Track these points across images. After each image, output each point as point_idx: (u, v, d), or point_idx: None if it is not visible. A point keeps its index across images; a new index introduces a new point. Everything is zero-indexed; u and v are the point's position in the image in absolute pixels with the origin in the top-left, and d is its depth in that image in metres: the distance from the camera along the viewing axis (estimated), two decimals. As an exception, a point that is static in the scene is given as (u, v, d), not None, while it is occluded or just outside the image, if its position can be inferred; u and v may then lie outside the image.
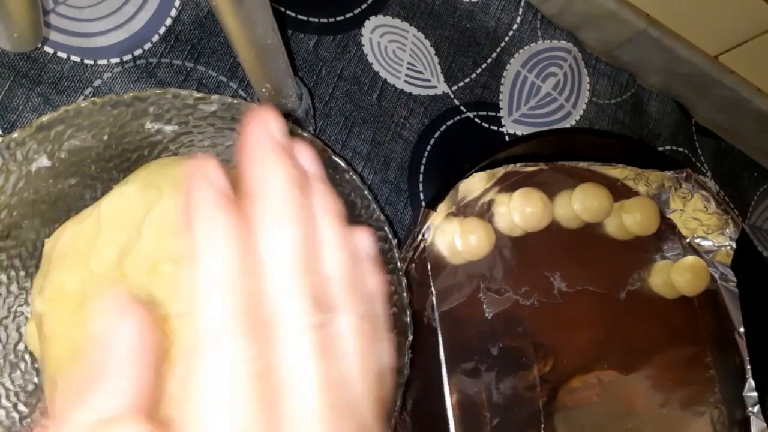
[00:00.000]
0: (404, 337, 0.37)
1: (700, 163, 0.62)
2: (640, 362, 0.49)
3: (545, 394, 0.45)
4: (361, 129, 0.49)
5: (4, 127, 0.39)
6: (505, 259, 0.47)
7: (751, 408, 0.49)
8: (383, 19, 0.51)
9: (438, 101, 0.52)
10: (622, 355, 0.48)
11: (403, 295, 0.37)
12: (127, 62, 0.43)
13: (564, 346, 0.47)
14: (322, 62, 0.49)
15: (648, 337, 0.50)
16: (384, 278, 0.23)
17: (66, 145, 0.33)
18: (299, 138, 0.22)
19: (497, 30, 0.56)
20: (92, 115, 0.32)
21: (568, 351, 0.47)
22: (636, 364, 0.48)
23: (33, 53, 0.41)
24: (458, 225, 0.45)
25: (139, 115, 0.34)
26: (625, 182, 0.52)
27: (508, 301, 0.46)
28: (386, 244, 0.37)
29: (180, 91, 0.34)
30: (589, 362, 0.47)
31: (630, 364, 0.47)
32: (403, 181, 0.49)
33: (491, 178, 0.46)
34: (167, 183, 0.34)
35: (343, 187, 0.37)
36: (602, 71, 0.60)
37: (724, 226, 0.51)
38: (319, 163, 0.23)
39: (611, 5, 0.53)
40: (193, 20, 0.45)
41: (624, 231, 0.50)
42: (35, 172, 0.33)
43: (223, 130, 0.36)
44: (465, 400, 0.43)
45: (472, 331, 0.45)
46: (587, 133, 0.55)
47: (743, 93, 0.58)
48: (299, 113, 0.41)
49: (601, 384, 0.47)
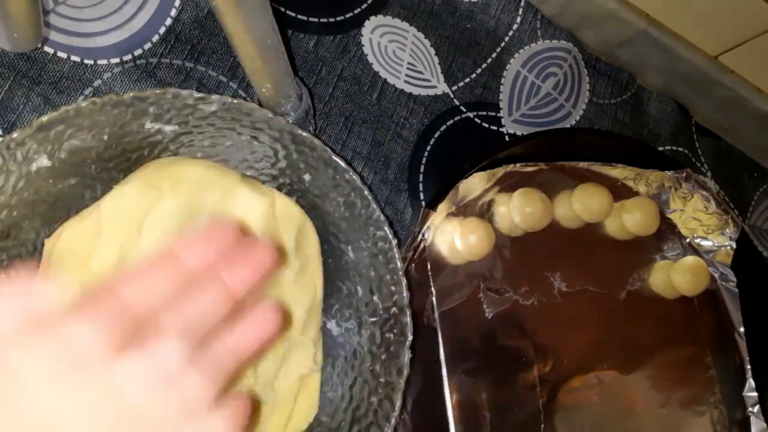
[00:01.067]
0: (404, 337, 0.37)
1: (700, 163, 0.62)
2: (640, 362, 0.49)
3: (545, 394, 0.45)
4: (361, 129, 0.49)
5: (4, 127, 0.39)
6: (505, 259, 0.47)
7: (751, 408, 0.49)
8: (383, 19, 0.51)
9: (438, 101, 0.52)
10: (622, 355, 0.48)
11: (403, 295, 0.37)
12: (127, 62, 0.43)
13: (564, 346, 0.47)
14: (322, 62, 0.49)
15: (648, 337, 0.50)
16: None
17: (66, 145, 0.33)
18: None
19: (497, 30, 0.56)
20: (92, 115, 0.32)
21: (568, 351, 0.47)
22: (636, 364, 0.48)
23: (33, 53, 0.41)
24: (458, 225, 0.45)
25: (139, 115, 0.34)
26: (625, 182, 0.52)
27: (508, 301, 0.46)
28: (386, 244, 0.37)
29: (180, 91, 0.34)
30: (589, 362, 0.47)
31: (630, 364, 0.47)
32: (403, 181, 0.49)
33: (491, 178, 0.46)
34: (167, 183, 0.34)
35: (343, 188, 0.37)
36: (602, 71, 0.60)
37: (724, 226, 0.51)
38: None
39: (611, 5, 0.53)
40: (193, 20, 0.45)
41: (624, 231, 0.50)
42: (35, 172, 0.33)
43: (223, 130, 0.36)
44: (465, 400, 0.43)
45: (472, 331, 0.45)
46: (587, 133, 0.55)
47: (743, 93, 0.58)
48: (299, 113, 0.41)
49: (601, 384, 0.47)
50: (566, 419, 0.45)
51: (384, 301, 0.38)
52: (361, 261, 0.39)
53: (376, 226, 0.37)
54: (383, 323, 0.38)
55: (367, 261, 0.38)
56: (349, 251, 0.39)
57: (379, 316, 0.38)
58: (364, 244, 0.38)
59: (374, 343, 0.38)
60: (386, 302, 0.38)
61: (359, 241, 0.38)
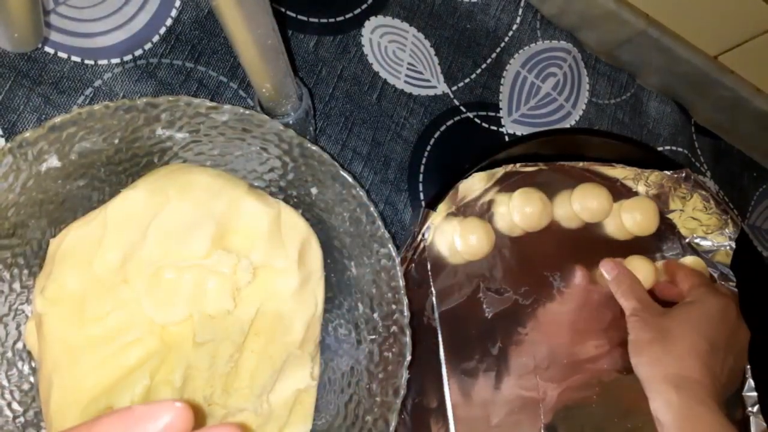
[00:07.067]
0: (402, 357, 0.36)
1: (699, 163, 0.62)
2: (640, 362, 0.49)
3: (545, 394, 0.45)
4: (361, 129, 0.49)
5: (5, 127, 0.39)
6: (505, 259, 0.47)
7: (750, 408, 0.49)
8: (383, 20, 0.51)
9: (438, 101, 0.52)
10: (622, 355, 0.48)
11: (403, 315, 0.37)
12: (128, 62, 0.43)
13: (564, 346, 0.47)
14: (322, 62, 0.49)
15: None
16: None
17: (77, 147, 0.33)
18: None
19: (497, 30, 0.56)
20: (104, 118, 0.32)
21: (568, 351, 0.47)
22: (636, 363, 0.48)
23: (33, 53, 0.41)
24: (458, 225, 0.45)
25: (151, 120, 0.34)
26: (624, 182, 0.52)
27: (508, 301, 0.46)
28: (389, 261, 0.37)
29: (193, 99, 0.34)
30: (589, 362, 0.47)
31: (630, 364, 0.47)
32: (403, 181, 0.50)
33: (491, 178, 0.46)
34: (174, 189, 0.34)
35: (349, 203, 0.37)
36: (602, 71, 0.60)
37: (723, 225, 0.51)
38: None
39: (611, 5, 0.54)
40: (193, 21, 0.45)
41: (623, 231, 0.50)
42: (45, 172, 0.33)
43: (233, 139, 0.36)
44: (465, 399, 0.43)
45: (472, 331, 0.45)
46: (587, 133, 0.55)
47: (743, 93, 0.58)
48: (299, 113, 0.41)
49: (601, 384, 0.47)
50: (566, 419, 0.45)
51: (384, 319, 0.38)
52: (363, 277, 0.39)
53: (380, 243, 0.37)
54: (382, 341, 0.38)
55: (370, 278, 0.38)
56: (351, 267, 0.39)
57: (379, 334, 0.38)
58: (368, 260, 0.38)
59: (372, 361, 0.38)
60: (386, 320, 0.37)
61: (363, 257, 0.38)
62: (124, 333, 0.33)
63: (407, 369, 0.36)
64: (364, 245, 0.38)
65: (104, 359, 0.33)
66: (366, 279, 0.38)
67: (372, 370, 0.38)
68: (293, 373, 0.38)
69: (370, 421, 0.37)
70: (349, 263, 0.39)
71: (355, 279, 0.39)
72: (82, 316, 0.33)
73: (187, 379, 0.34)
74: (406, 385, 0.36)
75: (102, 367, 0.33)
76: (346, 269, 0.39)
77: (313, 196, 0.38)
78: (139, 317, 0.34)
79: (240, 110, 0.34)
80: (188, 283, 0.34)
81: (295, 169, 0.38)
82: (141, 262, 0.34)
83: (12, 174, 0.32)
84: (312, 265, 0.38)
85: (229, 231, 0.36)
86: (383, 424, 0.36)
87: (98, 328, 0.33)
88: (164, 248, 0.34)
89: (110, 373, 0.33)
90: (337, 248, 0.39)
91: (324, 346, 0.40)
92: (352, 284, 0.39)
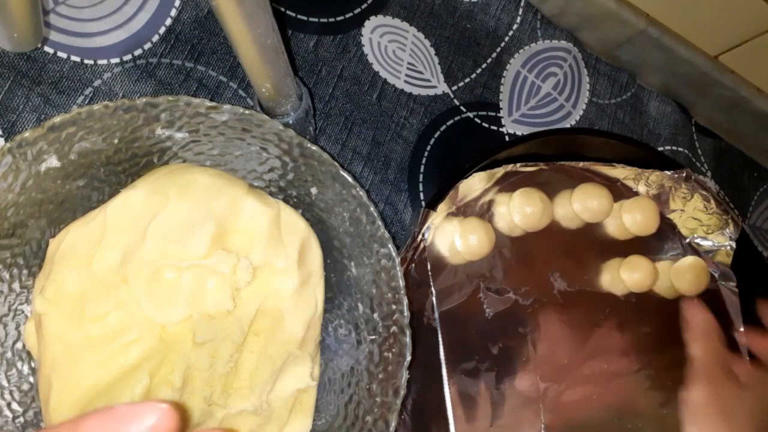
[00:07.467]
0: (403, 357, 0.36)
1: (700, 163, 0.62)
2: (640, 362, 0.49)
3: (545, 394, 0.45)
4: (361, 129, 0.49)
5: (4, 126, 0.39)
6: (505, 259, 0.47)
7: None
8: (383, 19, 0.51)
9: (438, 101, 0.52)
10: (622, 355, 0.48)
11: (403, 315, 0.36)
12: (127, 62, 0.43)
13: (564, 346, 0.47)
14: (322, 62, 0.49)
15: (648, 337, 0.50)
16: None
17: (76, 146, 0.33)
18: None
19: (497, 30, 0.56)
20: (104, 118, 0.32)
21: (568, 351, 0.47)
22: (636, 364, 0.48)
23: (33, 53, 0.41)
24: (458, 225, 0.45)
25: (151, 120, 0.34)
26: (625, 182, 0.52)
27: (508, 301, 0.46)
28: (389, 262, 0.37)
29: (192, 99, 0.34)
30: (589, 362, 0.47)
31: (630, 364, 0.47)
32: (403, 181, 0.49)
33: (491, 178, 0.46)
34: (174, 189, 0.34)
35: (349, 203, 0.37)
36: (602, 71, 0.60)
37: (724, 226, 0.51)
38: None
39: (611, 5, 0.54)
40: (193, 20, 0.45)
41: (624, 231, 0.50)
42: (44, 172, 0.33)
43: (233, 139, 0.36)
44: (465, 400, 0.43)
45: (472, 331, 0.45)
46: (587, 133, 0.55)
47: (743, 93, 0.58)
48: (299, 113, 0.41)
49: (602, 384, 0.47)
50: (566, 419, 0.45)
51: (384, 319, 0.38)
52: (363, 277, 0.39)
53: (380, 243, 0.37)
54: (382, 342, 0.38)
55: (370, 278, 0.38)
56: (351, 267, 0.39)
57: (379, 334, 0.38)
58: (368, 260, 0.38)
59: (372, 361, 0.38)
60: (386, 321, 0.37)
61: (363, 257, 0.38)
62: (124, 333, 0.33)
63: (407, 369, 0.36)
64: (364, 245, 0.38)
65: (104, 359, 0.33)
66: (366, 279, 0.38)
67: (372, 370, 0.38)
68: (293, 374, 0.38)
69: (370, 421, 0.37)
70: (349, 263, 0.39)
71: (355, 279, 0.39)
72: (81, 316, 0.33)
73: (186, 379, 0.34)
74: (406, 386, 0.36)
75: (101, 367, 0.33)
76: (346, 269, 0.39)
77: (313, 196, 0.38)
78: (139, 317, 0.34)
79: (240, 110, 0.34)
80: (188, 283, 0.34)
81: (294, 168, 0.38)
82: (140, 262, 0.34)
83: (11, 174, 0.31)
84: (312, 265, 0.38)
85: (229, 231, 0.36)
86: (383, 424, 0.36)
87: (98, 328, 0.33)
88: (164, 248, 0.34)
89: (110, 373, 0.33)
90: (337, 248, 0.39)
91: (324, 346, 0.40)
92: (352, 284, 0.39)
